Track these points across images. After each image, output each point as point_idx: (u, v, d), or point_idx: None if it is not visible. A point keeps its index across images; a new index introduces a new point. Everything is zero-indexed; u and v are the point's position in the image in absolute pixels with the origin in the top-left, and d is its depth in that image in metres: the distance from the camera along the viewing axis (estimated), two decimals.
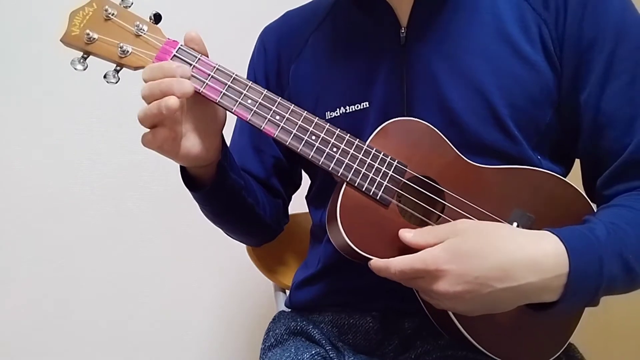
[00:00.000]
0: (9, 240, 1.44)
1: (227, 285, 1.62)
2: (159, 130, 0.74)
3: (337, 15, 0.98)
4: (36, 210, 1.46)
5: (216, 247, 1.58)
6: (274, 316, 1.09)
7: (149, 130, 0.75)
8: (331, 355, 0.89)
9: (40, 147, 1.46)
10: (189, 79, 0.75)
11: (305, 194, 1.09)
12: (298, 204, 1.15)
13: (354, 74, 0.93)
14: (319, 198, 1.02)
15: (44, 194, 1.46)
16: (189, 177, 0.89)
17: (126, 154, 1.52)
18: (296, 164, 1.08)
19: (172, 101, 0.71)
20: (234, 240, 1.12)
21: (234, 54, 1.06)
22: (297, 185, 1.14)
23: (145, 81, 0.74)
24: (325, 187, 0.97)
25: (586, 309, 0.84)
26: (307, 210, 1.08)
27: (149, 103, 0.73)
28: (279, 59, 1.02)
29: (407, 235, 0.76)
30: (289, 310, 1.08)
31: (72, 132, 1.48)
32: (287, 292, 1.19)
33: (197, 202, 0.94)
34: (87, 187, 1.50)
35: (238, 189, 0.92)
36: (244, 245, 1.21)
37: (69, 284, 1.48)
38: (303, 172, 1.12)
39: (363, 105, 0.91)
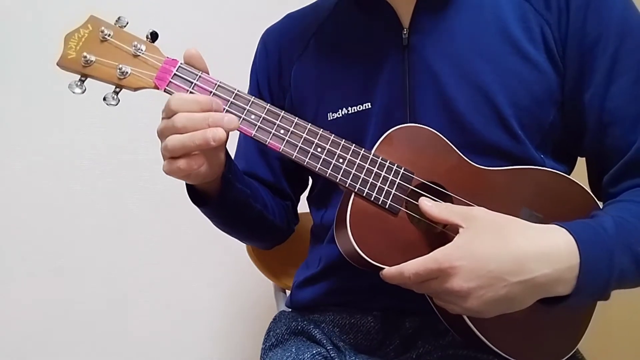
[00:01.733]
0: (10, 240, 1.43)
1: (227, 285, 1.62)
2: (197, 158, 0.73)
3: (338, 16, 0.96)
4: (36, 210, 1.45)
5: (216, 247, 1.57)
6: (275, 316, 1.08)
7: (177, 158, 0.73)
8: (332, 355, 0.88)
9: (40, 147, 1.45)
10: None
11: (307, 194, 1.08)
12: (299, 205, 1.13)
13: (356, 75, 0.91)
14: (320, 199, 1.01)
15: (44, 194, 1.45)
16: (194, 193, 0.87)
17: (126, 154, 1.50)
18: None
19: (222, 134, 0.71)
20: (242, 243, 1.11)
21: (236, 57, 1.04)
22: (305, 185, 1.12)
23: (176, 111, 0.72)
24: (326, 188, 0.96)
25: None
26: (308, 210, 1.07)
27: (182, 133, 0.71)
28: (281, 60, 1.00)
29: (427, 203, 0.76)
30: (290, 310, 1.07)
31: (72, 132, 1.47)
32: (288, 292, 1.18)
33: (206, 215, 0.93)
34: (87, 187, 1.48)
35: (245, 197, 0.90)
36: (244, 245, 1.20)
37: (69, 284, 1.48)
38: None
39: (365, 106, 0.90)
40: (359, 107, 0.90)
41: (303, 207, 1.09)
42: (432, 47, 0.87)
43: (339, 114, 0.91)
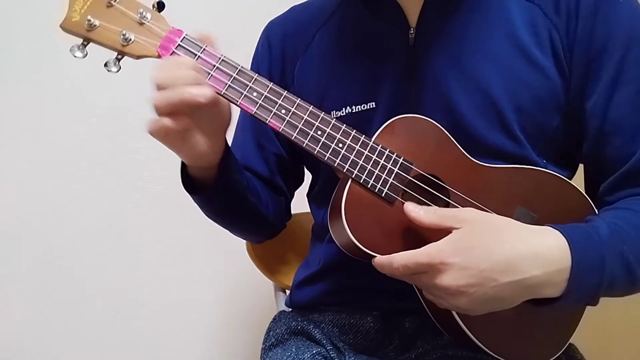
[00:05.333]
0: (10, 240, 1.41)
1: (227, 285, 1.58)
2: (182, 118, 0.69)
3: (344, 12, 0.93)
4: (36, 210, 1.43)
5: (216, 247, 1.53)
6: (275, 316, 1.05)
7: (161, 117, 0.68)
8: (332, 355, 0.85)
9: (40, 147, 1.42)
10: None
11: (307, 192, 1.04)
12: (299, 204, 1.10)
13: (361, 73, 0.88)
14: (322, 196, 0.97)
15: (44, 194, 1.43)
16: (189, 180, 0.84)
17: (126, 154, 1.48)
18: (299, 160, 1.03)
19: (209, 91, 0.68)
20: (235, 237, 1.07)
21: (236, 47, 1.00)
22: (299, 181, 1.09)
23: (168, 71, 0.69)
24: (329, 185, 0.91)
25: (586, 309, 0.81)
26: (308, 210, 1.04)
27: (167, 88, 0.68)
28: (284, 55, 0.97)
29: (413, 209, 0.72)
30: (290, 310, 1.04)
31: (72, 132, 1.44)
32: (288, 291, 1.15)
33: (198, 203, 0.89)
34: (87, 187, 1.46)
35: (240, 188, 0.87)
36: (244, 245, 1.17)
37: (69, 284, 1.45)
38: (305, 169, 1.07)
39: (369, 105, 0.87)
40: (363, 107, 0.87)
41: (304, 206, 1.06)
42: (438, 48, 0.84)
43: (343, 112, 0.88)
